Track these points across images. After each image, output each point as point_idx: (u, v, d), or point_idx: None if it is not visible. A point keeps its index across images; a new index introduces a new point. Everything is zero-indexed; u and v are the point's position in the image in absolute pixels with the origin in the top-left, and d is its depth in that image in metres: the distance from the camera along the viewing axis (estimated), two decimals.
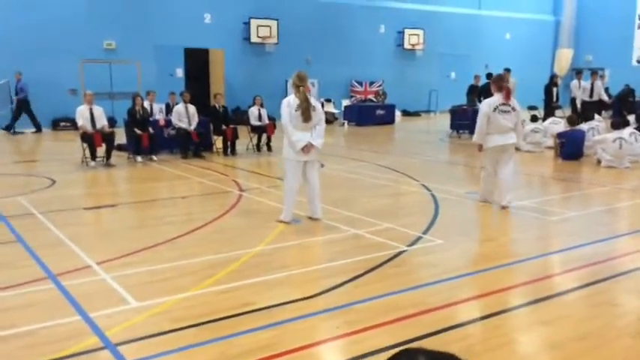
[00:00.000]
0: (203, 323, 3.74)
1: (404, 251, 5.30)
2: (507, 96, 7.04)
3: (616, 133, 10.45)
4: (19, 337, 3.57)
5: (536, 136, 12.50)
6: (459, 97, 17.39)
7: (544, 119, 14.71)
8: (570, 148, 11.21)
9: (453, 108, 17.01)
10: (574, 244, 5.57)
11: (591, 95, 16.02)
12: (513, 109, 7.07)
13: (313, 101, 6.25)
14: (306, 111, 6.10)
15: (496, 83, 7.27)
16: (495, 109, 6.97)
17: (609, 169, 10.10)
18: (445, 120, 17.89)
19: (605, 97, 16.31)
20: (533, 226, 6.39)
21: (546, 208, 7.19)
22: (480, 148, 7.19)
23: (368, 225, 6.21)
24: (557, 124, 13.07)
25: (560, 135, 11.58)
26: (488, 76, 15.33)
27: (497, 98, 7.04)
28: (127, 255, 5.18)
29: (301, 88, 6.15)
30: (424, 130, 18.79)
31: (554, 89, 16.64)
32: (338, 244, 5.59)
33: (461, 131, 15.64)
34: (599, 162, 10.50)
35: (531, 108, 16.78)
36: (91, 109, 10.62)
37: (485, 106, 7.05)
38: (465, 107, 15.69)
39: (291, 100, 6.15)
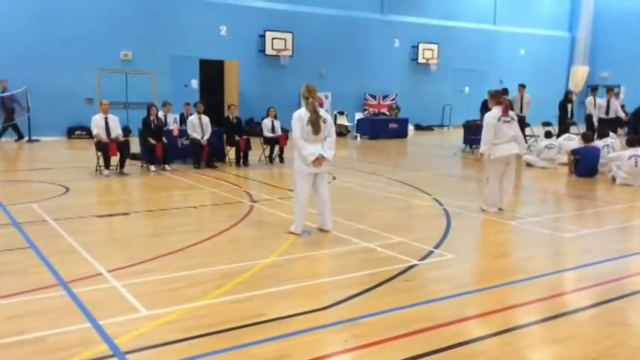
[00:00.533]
0: (213, 333, 3.74)
1: (415, 265, 5.27)
2: (506, 110, 7.46)
3: (631, 151, 10.35)
4: (29, 344, 3.59)
5: (550, 152, 12.43)
6: (473, 112, 17.38)
7: (558, 135, 14.63)
8: (585, 165, 11.12)
9: (466, 123, 16.97)
10: (588, 262, 5.52)
11: (607, 112, 15.91)
12: (512, 119, 7.53)
13: (323, 113, 6.29)
14: (315, 123, 6.13)
15: (495, 98, 7.60)
16: (499, 119, 7.39)
17: (624, 186, 10.00)
18: (458, 135, 17.85)
19: (622, 114, 16.20)
20: (546, 242, 6.33)
21: (560, 224, 7.13)
22: (481, 158, 7.55)
23: (379, 238, 6.19)
24: (572, 140, 12.99)
25: (574, 152, 11.51)
26: (503, 91, 15.28)
27: (496, 111, 7.44)
28: (139, 263, 5.20)
29: (310, 99, 6.19)
30: (437, 145, 18.75)
31: (569, 106, 16.55)
32: (348, 256, 5.57)
33: (474, 146, 15.56)
34: (613, 179, 10.40)
35: (546, 124, 16.69)
36: (106, 119, 10.73)
37: (490, 117, 7.43)
38: (478, 122, 15.61)
39: (302, 114, 6.17)
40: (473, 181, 11.15)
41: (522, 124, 15.11)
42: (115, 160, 10.74)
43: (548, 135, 13.39)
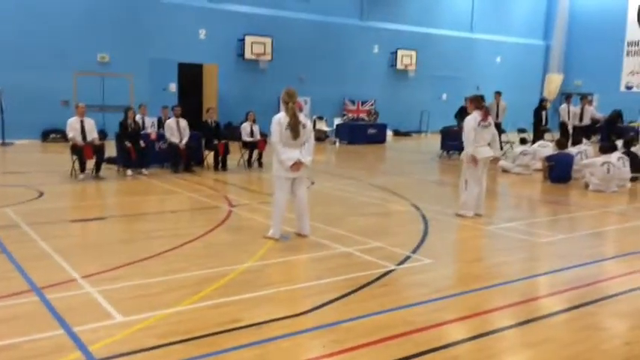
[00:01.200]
0: (190, 339, 3.70)
1: (392, 270, 5.29)
2: (485, 116, 7.64)
3: (604, 158, 10.55)
4: (1, 351, 3.51)
5: (525, 158, 12.60)
6: (450, 119, 17.54)
7: (533, 142, 14.85)
8: (559, 171, 11.30)
9: (443, 129, 17.15)
10: (561, 267, 5.59)
11: (581, 119, 16.24)
12: (490, 124, 7.72)
13: (302, 118, 6.30)
14: (295, 128, 6.12)
15: (474, 102, 7.76)
16: (478, 124, 7.56)
17: (597, 192, 10.18)
18: (436, 140, 18.02)
19: (600, 116, 16.66)
20: (521, 247, 6.41)
21: (534, 230, 7.22)
22: (475, 160, 7.59)
23: (357, 243, 6.21)
24: (546, 147, 13.19)
25: (548, 158, 11.68)
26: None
27: (476, 115, 7.60)
28: (114, 269, 5.13)
29: (290, 104, 6.18)
30: (415, 150, 18.89)
31: (544, 113, 16.83)
32: (326, 261, 5.58)
33: (451, 152, 15.74)
34: (587, 185, 10.58)
35: (521, 131, 16.95)
36: (82, 122, 10.59)
37: (471, 120, 7.58)
38: (455, 128, 15.81)
39: (281, 119, 6.17)
40: (450, 186, 11.25)
41: (498, 130, 15.33)
42: (90, 163, 10.60)
43: (523, 141, 13.59)
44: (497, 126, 14.99)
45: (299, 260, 5.72)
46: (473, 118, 7.57)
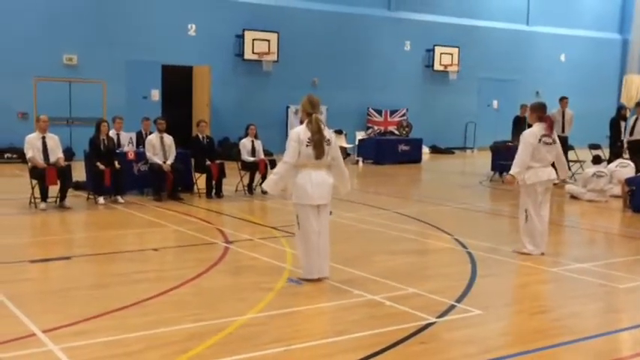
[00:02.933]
0: None
1: (432, 323, 5.26)
2: (550, 129, 7.63)
3: None
4: None
5: (599, 181, 12.52)
6: (503, 131, 17.57)
7: (610, 161, 14.75)
8: None
9: (494, 144, 17.12)
10: None
11: None
12: (554, 141, 7.70)
13: (327, 132, 6.34)
14: (319, 145, 6.19)
15: (536, 112, 7.77)
16: (540, 140, 7.53)
17: None
18: (485, 159, 17.97)
19: None
20: (596, 295, 6.34)
21: (613, 272, 7.14)
22: (513, 182, 7.64)
23: (387, 289, 6.18)
24: (626, 167, 13.10)
25: (629, 181, 11.59)
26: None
27: (538, 129, 7.60)
28: (82, 321, 5.15)
29: (314, 115, 6.24)
30: (458, 171, 18.86)
31: (623, 124, 16.72)
32: (349, 312, 5.55)
33: (504, 173, 15.65)
34: None
35: (593, 147, 16.85)
36: (43, 138, 10.75)
37: (530, 136, 7.56)
38: (509, 143, 15.78)
39: (301, 134, 6.21)
40: (505, 217, 11.19)
41: (565, 146, 15.28)
42: (54, 190, 10.72)
43: (596, 160, 13.49)
44: (564, 140, 14.98)
45: (314, 310, 5.70)
46: (534, 134, 7.56)
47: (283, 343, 4.80)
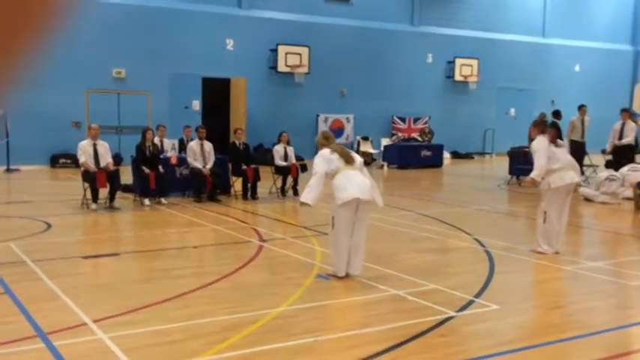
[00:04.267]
0: None
1: (452, 317, 5.22)
2: (553, 141, 7.59)
3: None
4: None
5: (612, 185, 12.32)
6: (520, 138, 17.36)
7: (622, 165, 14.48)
8: None
9: (512, 150, 16.94)
10: None
11: None
12: (563, 145, 7.81)
13: (353, 154, 6.55)
14: (344, 152, 6.33)
15: (539, 127, 7.80)
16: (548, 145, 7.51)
17: None
18: (503, 164, 17.79)
19: None
20: (609, 292, 6.25)
21: (625, 270, 7.03)
22: (535, 183, 7.52)
23: (410, 285, 6.16)
24: (638, 170, 12.87)
25: None
26: (555, 114, 15.29)
27: (543, 139, 7.57)
28: (129, 312, 5.22)
29: (332, 146, 6.43)
30: (478, 175, 18.68)
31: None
32: (374, 306, 5.55)
33: (521, 177, 15.48)
34: None
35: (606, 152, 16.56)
36: (94, 145, 10.91)
37: (539, 142, 7.48)
38: (526, 149, 15.58)
39: (325, 153, 6.34)
40: (521, 218, 11.06)
41: (583, 151, 15.03)
42: (104, 192, 10.87)
43: (608, 165, 13.28)
44: (582, 146, 14.79)
45: (341, 304, 5.70)
46: (541, 140, 7.53)
47: (313, 334, 4.81)
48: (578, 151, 13.26)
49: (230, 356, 4.33)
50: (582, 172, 15.39)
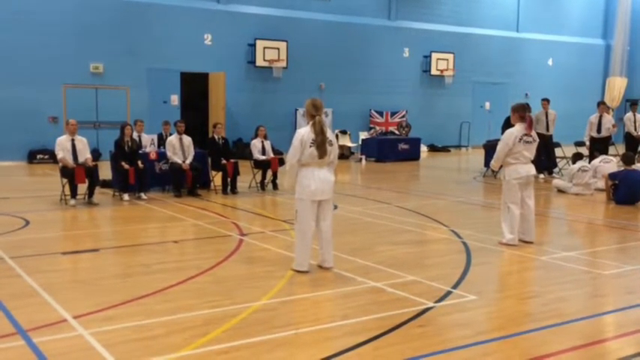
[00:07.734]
0: None
1: (431, 308, 5.26)
2: (530, 128, 7.68)
3: None
4: None
5: (584, 176, 12.46)
6: (495, 131, 17.51)
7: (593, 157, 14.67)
8: (625, 190, 11.15)
9: (487, 143, 17.08)
10: (630, 304, 5.50)
11: None
12: (534, 139, 7.76)
13: (330, 134, 6.33)
14: (322, 145, 6.15)
15: (518, 112, 7.80)
16: (520, 139, 7.60)
17: None
18: (478, 156, 17.93)
19: None
20: (582, 281, 6.32)
21: (598, 260, 7.12)
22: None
23: (388, 277, 6.18)
24: (609, 162, 13.04)
25: (612, 175, 11.54)
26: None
27: (519, 128, 7.67)
28: (109, 308, 5.18)
29: (317, 117, 6.21)
30: (454, 168, 18.80)
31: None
32: (353, 298, 5.56)
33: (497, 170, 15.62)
34: None
35: (579, 144, 16.77)
36: (73, 140, 10.79)
37: (510, 136, 7.64)
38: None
39: (305, 136, 6.16)
40: (496, 209, 11.15)
41: (551, 144, 15.22)
42: (82, 187, 10.77)
43: (577, 157, 13.34)
44: (549, 138, 14.93)
45: (321, 297, 5.71)
46: (513, 134, 7.62)
47: (293, 326, 4.82)
48: (544, 144, 13.35)
49: (211, 350, 4.32)
50: (555, 165, 15.63)
